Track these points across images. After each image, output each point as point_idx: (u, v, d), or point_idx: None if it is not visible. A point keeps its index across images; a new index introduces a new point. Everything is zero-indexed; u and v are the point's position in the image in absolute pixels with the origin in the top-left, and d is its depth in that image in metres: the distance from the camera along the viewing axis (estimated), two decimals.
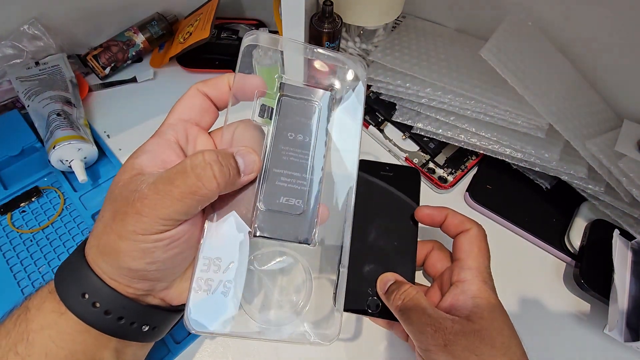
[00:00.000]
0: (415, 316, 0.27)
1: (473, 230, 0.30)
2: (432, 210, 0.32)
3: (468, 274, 0.28)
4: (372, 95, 0.51)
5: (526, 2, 0.44)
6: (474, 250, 0.29)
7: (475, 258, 0.29)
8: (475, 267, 0.28)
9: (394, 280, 0.30)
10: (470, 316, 0.26)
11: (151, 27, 0.54)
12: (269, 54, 0.40)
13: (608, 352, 0.35)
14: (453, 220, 0.31)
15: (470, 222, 0.31)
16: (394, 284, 0.30)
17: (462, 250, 0.30)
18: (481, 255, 0.29)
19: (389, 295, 0.29)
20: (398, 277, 0.31)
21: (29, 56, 0.49)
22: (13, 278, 0.38)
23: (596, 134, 0.40)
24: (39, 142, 0.45)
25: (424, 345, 0.25)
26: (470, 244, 0.30)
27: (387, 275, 0.31)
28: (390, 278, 0.30)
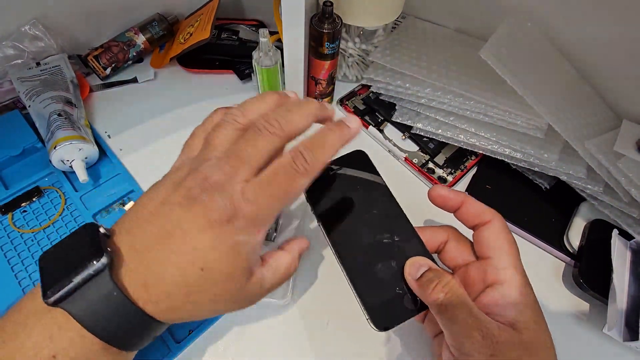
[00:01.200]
0: (461, 315, 0.23)
1: (496, 221, 0.27)
2: (447, 193, 0.29)
3: (506, 275, 0.25)
4: (372, 95, 0.51)
5: (526, 3, 0.44)
6: (504, 246, 0.26)
7: (509, 255, 0.26)
8: (511, 266, 0.26)
9: (427, 267, 0.26)
10: (515, 325, 0.23)
11: (152, 27, 0.54)
12: (269, 54, 0.40)
13: (607, 352, 0.36)
14: (471, 209, 0.28)
15: (490, 212, 0.28)
16: (429, 272, 0.25)
17: (490, 247, 0.26)
18: (513, 250, 0.26)
19: (426, 285, 0.25)
20: (431, 263, 0.26)
21: (30, 56, 0.49)
22: (14, 277, 0.38)
23: (595, 134, 0.40)
24: (40, 142, 0.45)
25: (466, 349, 0.23)
26: (497, 239, 0.27)
27: (419, 260, 0.26)
28: (422, 263, 0.26)
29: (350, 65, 0.52)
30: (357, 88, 0.53)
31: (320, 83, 0.47)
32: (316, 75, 0.46)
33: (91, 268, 0.21)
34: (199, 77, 0.55)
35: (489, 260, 0.26)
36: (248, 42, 0.56)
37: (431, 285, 0.25)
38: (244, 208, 0.23)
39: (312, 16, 0.41)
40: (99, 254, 0.21)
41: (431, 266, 0.26)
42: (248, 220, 0.23)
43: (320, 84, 0.47)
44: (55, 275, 0.21)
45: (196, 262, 0.22)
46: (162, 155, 0.47)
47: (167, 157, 0.46)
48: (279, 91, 0.28)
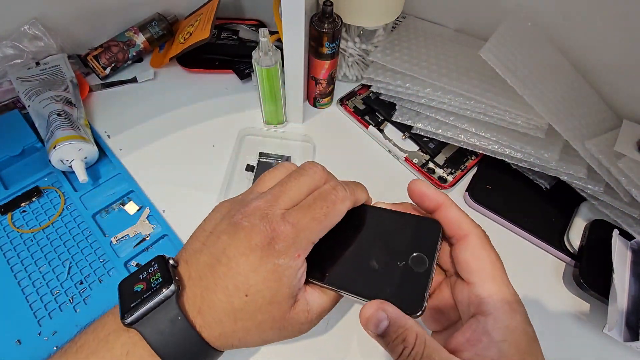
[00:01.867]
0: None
1: (474, 237, 0.23)
2: (426, 190, 0.25)
3: (490, 306, 0.21)
4: (372, 95, 0.51)
5: (526, 3, 0.44)
6: (484, 266, 0.23)
7: (492, 278, 0.22)
8: (495, 292, 0.22)
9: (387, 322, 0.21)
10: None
11: (151, 27, 0.54)
12: (269, 54, 0.40)
13: (607, 352, 0.36)
14: (447, 215, 0.24)
15: (468, 225, 0.24)
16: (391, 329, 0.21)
17: (471, 271, 0.23)
18: (495, 270, 0.23)
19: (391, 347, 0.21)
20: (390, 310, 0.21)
21: (30, 56, 0.49)
22: (14, 278, 0.38)
23: (595, 134, 0.40)
24: (39, 142, 0.45)
25: None
26: (476, 259, 0.23)
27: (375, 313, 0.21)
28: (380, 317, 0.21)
29: (350, 65, 0.52)
30: (357, 88, 0.53)
31: (320, 83, 0.47)
32: (316, 75, 0.46)
33: (162, 294, 0.23)
34: (198, 77, 0.55)
35: (471, 286, 0.23)
36: (248, 42, 0.56)
37: (397, 350, 0.21)
38: (283, 230, 0.23)
39: (312, 16, 0.41)
40: (169, 282, 0.23)
41: (391, 318, 0.21)
42: (288, 242, 0.23)
43: (320, 84, 0.47)
44: (131, 299, 0.23)
45: (240, 287, 0.23)
46: (162, 155, 0.47)
47: (167, 157, 0.47)
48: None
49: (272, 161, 0.46)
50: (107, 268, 0.39)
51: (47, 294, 0.37)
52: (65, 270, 0.38)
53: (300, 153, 0.47)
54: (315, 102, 0.51)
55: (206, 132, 0.49)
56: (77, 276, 0.38)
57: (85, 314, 0.36)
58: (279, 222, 0.24)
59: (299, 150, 0.47)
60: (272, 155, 0.46)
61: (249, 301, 0.23)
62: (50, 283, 0.38)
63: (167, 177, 0.45)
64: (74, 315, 0.36)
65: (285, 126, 0.50)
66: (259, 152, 0.46)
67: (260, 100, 0.46)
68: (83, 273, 0.39)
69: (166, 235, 0.41)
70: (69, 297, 0.37)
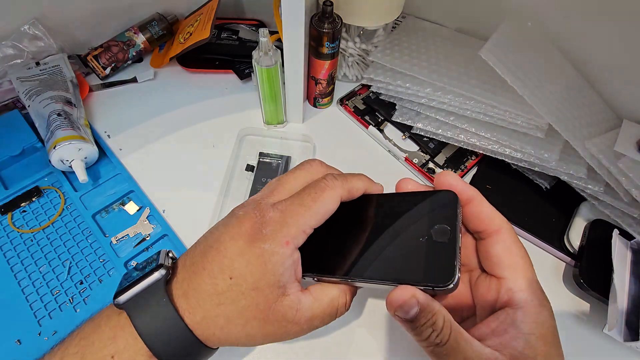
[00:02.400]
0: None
1: (506, 232, 0.24)
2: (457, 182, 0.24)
3: (520, 300, 0.22)
4: (372, 95, 0.51)
5: (526, 3, 0.44)
6: (517, 261, 0.23)
7: (524, 273, 0.23)
8: (527, 287, 0.22)
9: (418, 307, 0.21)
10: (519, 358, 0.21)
11: (151, 27, 0.54)
12: (269, 54, 0.40)
13: (607, 352, 0.36)
14: (480, 210, 0.24)
15: (500, 219, 0.24)
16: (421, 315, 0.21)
17: (503, 266, 0.23)
18: (527, 266, 0.23)
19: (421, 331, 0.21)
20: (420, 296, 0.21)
21: (30, 56, 0.49)
22: (14, 278, 0.38)
23: (596, 134, 0.40)
24: (39, 142, 0.45)
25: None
26: (510, 254, 0.23)
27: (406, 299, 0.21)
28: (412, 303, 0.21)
29: (350, 65, 0.52)
30: (357, 88, 0.53)
31: (320, 83, 0.47)
32: (316, 75, 0.46)
33: (152, 277, 0.24)
34: (198, 77, 0.55)
35: (502, 280, 0.23)
36: (248, 42, 0.56)
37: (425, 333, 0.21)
38: (272, 216, 0.24)
39: (312, 16, 0.41)
40: (160, 266, 0.25)
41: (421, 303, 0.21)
42: (275, 227, 0.24)
43: (320, 84, 0.47)
44: (125, 284, 0.25)
45: (225, 269, 0.24)
46: (162, 155, 0.47)
47: (167, 157, 0.47)
48: None
49: (272, 161, 0.46)
50: (107, 268, 0.39)
51: (47, 294, 0.37)
52: (65, 270, 0.38)
53: (300, 153, 0.47)
54: (315, 102, 0.51)
55: (206, 132, 0.49)
56: (77, 276, 0.38)
57: (86, 314, 0.36)
58: (268, 209, 0.24)
59: (299, 150, 0.47)
60: (272, 155, 0.46)
61: (233, 284, 0.23)
62: (50, 283, 0.38)
63: (167, 177, 0.45)
64: (74, 315, 0.36)
65: (285, 126, 0.50)
66: (259, 152, 0.46)
67: (260, 100, 0.46)
68: (83, 273, 0.39)
69: (166, 235, 0.41)
70: (69, 297, 0.37)
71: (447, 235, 0.22)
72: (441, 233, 0.23)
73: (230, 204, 0.42)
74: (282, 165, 0.45)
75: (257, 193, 0.27)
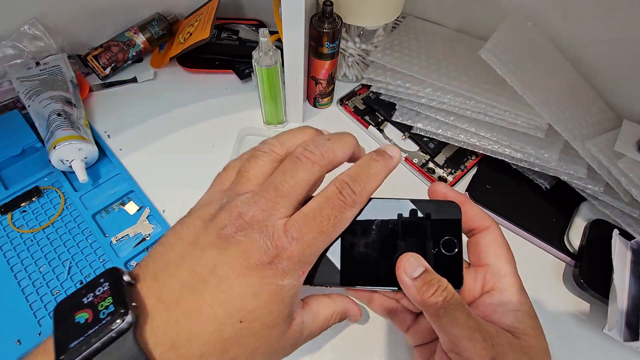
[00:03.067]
0: (461, 318, 0.22)
1: (495, 228, 0.26)
2: (448, 191, 0.27)
3: (505, 282, 0.25)
4: (372, 95, 0.51)
5: (526, 2, 0.44)
6: (503, 253, 0.26)
7: (508, 262, 0.25)
8: (511, 274, 0.25)
9: (424, 268, 0.24)
10: (513, 331, 0.23)
11: (151, 27, 0.54)
12: (269, 54, 0.40)
13: (607, 352, 0.36)
14: (470, 212, 0.26)
15: (489, 218, 0.27)
16: (426, 274, 0.23)
17: (489, 253, 0.26)
18: (511, 257, 0.26)
19: (425, 288, 0.23)
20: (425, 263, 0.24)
21: (30, 56, 0.49)
22: (14, 278, 0.38)
23: (595, 134, 0.40)
24: (39, 142, 0.45)
25: (467, 352, 0.21)
26: (497, 245, 0.26)
27: (415, 258, 0.24)
28: (419, 263, 0.24)
29: (350, 65, 0.52)
30: (357, 88, 0.53)
31: (320, 83, 0.47)
32: (316, 75, 0.46)
33: (114, 329, 0.17)
34: (198, 77, 0.55)
35: (487, 267, 0.26)
36: (248, 42, 0.56)
37: (431, 289, 0.23)
38: (288, 247, 0.20)
39: (312, 16, 0.41)
40: (122, 310, 0.18)
41: (427, 267, 0.24)
42: (294, 261, 0.20)
43: (320, 84, 0.47)
44: (70, 335, 0.17)
45: (235, 314, 0.19)
46: (162, 155, 0.47)
47: (167, 157, 0.47)
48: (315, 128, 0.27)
49: None
50: (107, 268, 0.39)
51: (47, 294, 0.37)
52: (66, 270, 0.38)
53: None
54: (315, 102, 0.51)
55: (206, 132, 0.49)
56: (77, 276, 0.38)
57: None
58: (281, 237, 0.20)
59: None
60: None
61: (244, 327, 0.20)
62: (50, 283, 0.38)
63: (167, 177, 0.45)
64: None
65: (285, 126, 0.50)
66: None
67: (260, 100, 0.46)
68: (83, 273, 0.39)
69: None
70: None
71: (455, 247, 0.25)
72: (449, 245, 0.25)
73: None
74: None
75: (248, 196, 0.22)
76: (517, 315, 0.23)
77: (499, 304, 0.24)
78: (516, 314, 0.23)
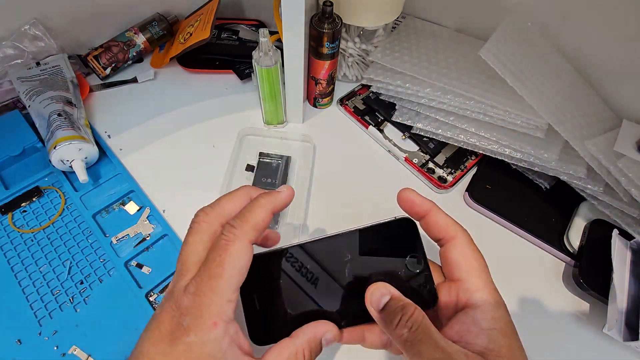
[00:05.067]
0: (427, 351, 0.21)
1: (461, 237, 0.25)
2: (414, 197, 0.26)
3: (478, 298, 0.23)
4: (372, 95, 0.51)
5: (526, 3, 0.44)
6: (472, 264, 0.25)
7: (479, 274, 0.24)
8: (484, 287, 0.24)
9: (389, 295, 0.23)
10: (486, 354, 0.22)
11: (152, 27, 0.54)
12: (269, 54, 0.40)
13: (607, 352, 0.36)
14: (436, 220, 0.26)
15: (455, 227, 0.26)
16: (392, 301, 0.23)
17: (460, 268, 0.25)
18: (483, 268, 0.25)
19: (390, 319, 0.23)
20: (392, 289, 0.24)
21: (30, 56, 0.49)
22: (14, 278, 0.38)
23: (595, 134, 0.40)
24: (40, 142, 0.45)
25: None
26: (465, 257, 0.25)
27: (380, 288, 0.24)
28: (384, 291, 0.24)
29: (350, 65, 0.52)
30: (357, 88, 0.53)
31: (320, 83, 0.47)
32: (316, 75, 0.46)
33: None
34: (199, 77, 0.55)
35: (459, 282, 0.24)
36: (248, 42, 0.56)
37: (395, 319, 0.22)
38: (185, 302, 0.21)
39: (312, 16, 0.41)
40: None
41: (393, 294, 0.24)
42: (194, 314, 0.21)
43: (320, 84, 0.47)
44: None
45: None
46: (162, 155, 0.47)
47: (167, 157, 0.47)
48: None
49: (272, 161, 0.46)
50: (107, 268, 0.39)
51: (47, 294, 0.37)
52: (66, 270, 0.39)
53: (300, 153, 0.47)
54: (315, 102, 0.51)
55: (206, 132, 0.49)
56: (77, 276, 0.38)
57: (86, 314, 0.36)
58: (181, 296, 0.21)
59: (299, 150, 0.47)
60: (272, 155, 0.46)
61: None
62: (50, 283, 0.38)
63: (167, 177, 0.45)
64: (74, 315, 0.36)
65: (285, 126, 0.50)
66: (259, 152, 0.46)
67: (260, 100, 0.46)
68: (83, 273, 0.39)
69: (166, 235, 0.41)
70: (69, 297, 0.37)
71: (420, 263, 0.25)
72: (414, 264, 0.25)
73: None
74: (282, 165, 0.45)
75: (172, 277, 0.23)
76: (491, 335, 0.22)
77: (472, 323, 0.23)
78: (490, 333, 0.22)
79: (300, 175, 0.45)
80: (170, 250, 0.40)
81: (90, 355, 0.34)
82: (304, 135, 0.48)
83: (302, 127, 0.50)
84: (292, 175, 0.45)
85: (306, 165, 0.46)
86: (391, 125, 0.49)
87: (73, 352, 0.34)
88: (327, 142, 0.48)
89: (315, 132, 0.48)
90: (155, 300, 0.38)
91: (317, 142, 0.48)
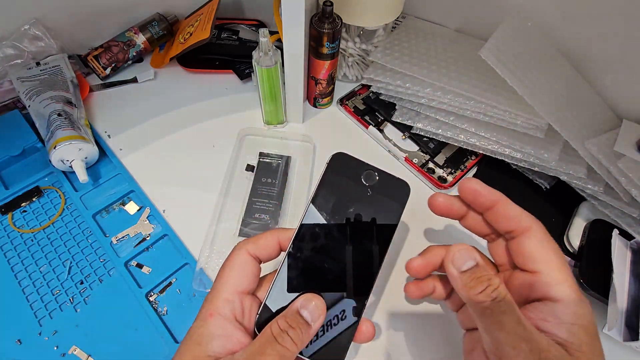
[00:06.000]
0: (510, 324, 0.21)
1: (537, 229, 0.24)
2: (481, 188, 0.25)
3: (559, 292, 0.23)
4: (372, 95, 0.51)
5: (526, 3, 0.44)
6: (551, 257, 0.24)
7: (559, 267, 0.23)
8: (564, 282, 0.23)
9: (475, 262, 0.23)
10: (567, 346, 0.21)
11: (152, 27, 0.54)
12: (269, 54, 0.40)
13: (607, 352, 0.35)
14: (507, 211, 0.25)
15: (529, 218, 0.25)
16: (477, 268, 0.23)
17: (537, 261, 0.24)
18: (562, 262, 0.24)
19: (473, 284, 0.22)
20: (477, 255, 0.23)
21: (30, 56, 0.49)
22: (14, 278, 0.38)
23: (595, 134, 0.40)
24: (40, 142, 0.45)
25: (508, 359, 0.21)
26: (543, 249, 0.24)
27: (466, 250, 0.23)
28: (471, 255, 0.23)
29: (350, 65, 0.52)
30: (357, 88, 0.53)
31: (320, 83, 0.47)
32: (316, 75, 0.46)
33: None
34: (199, 77, 0.55)
35: (537, 274, 0.24)
36: (248, 42, 0.56)
37: (479, 286, 0.22)
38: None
39: (312, 16, 0.41)
40: None
41: (479, 262, 0.23)
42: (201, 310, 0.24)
43: (320, 84, 0.47)
44: None
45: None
46: (162, 155, 0.47)
47: (167, 157, 0.47)
48: None
49: (272, 161, 0.46)
50: (107, 268, 0.39)
51: (47, 294, 0.37)
52: (66, 270, 0.39)
53: (300, 153, 0.47)
54: (315, 102, 0.51)
55: (206, 132, 0.49)
56: (77, 276, 0.38)
57: (86, 314, 0.36)
58: None
59: (299, 150, 0.47)
60: (272, 155, 0.46)
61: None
62: (50, 283, 0.38)
63: (167, 177, 0.45)
64: (74, 315, 0.36)
65: (285, 126, 0.50)
66: (259, 152, 0.46)
67: (260, 100, 0.46)
68: (83, 273, 0.39)
69: (166, 235, 0.41)
70: (69, 297, 0.37)
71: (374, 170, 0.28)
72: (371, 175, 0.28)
73: (231, 203, 0.42)
74: (282, 165, 0.45)
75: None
76: (572, 329, 0.22)
77: (552, 314, 0.22)
78: (571, 328, 0.22)
79: (300, 175, 0.45)
80: (170, 250, 0.40)
81: (90, 356, 0.34)
82: (304, 135, 0.48)
83: (302, 127, 0.50)
84: (292, 175, 0.45)
85: (306, 165, 0.46)
86: (391, 125, 0.49)
87: (73, 352, 0.34)
88: (327, 142, 0.48)
89: (315, 132, 0.48)
90: (155, 300, 0.38)
91: (317, 142, 0.48)
